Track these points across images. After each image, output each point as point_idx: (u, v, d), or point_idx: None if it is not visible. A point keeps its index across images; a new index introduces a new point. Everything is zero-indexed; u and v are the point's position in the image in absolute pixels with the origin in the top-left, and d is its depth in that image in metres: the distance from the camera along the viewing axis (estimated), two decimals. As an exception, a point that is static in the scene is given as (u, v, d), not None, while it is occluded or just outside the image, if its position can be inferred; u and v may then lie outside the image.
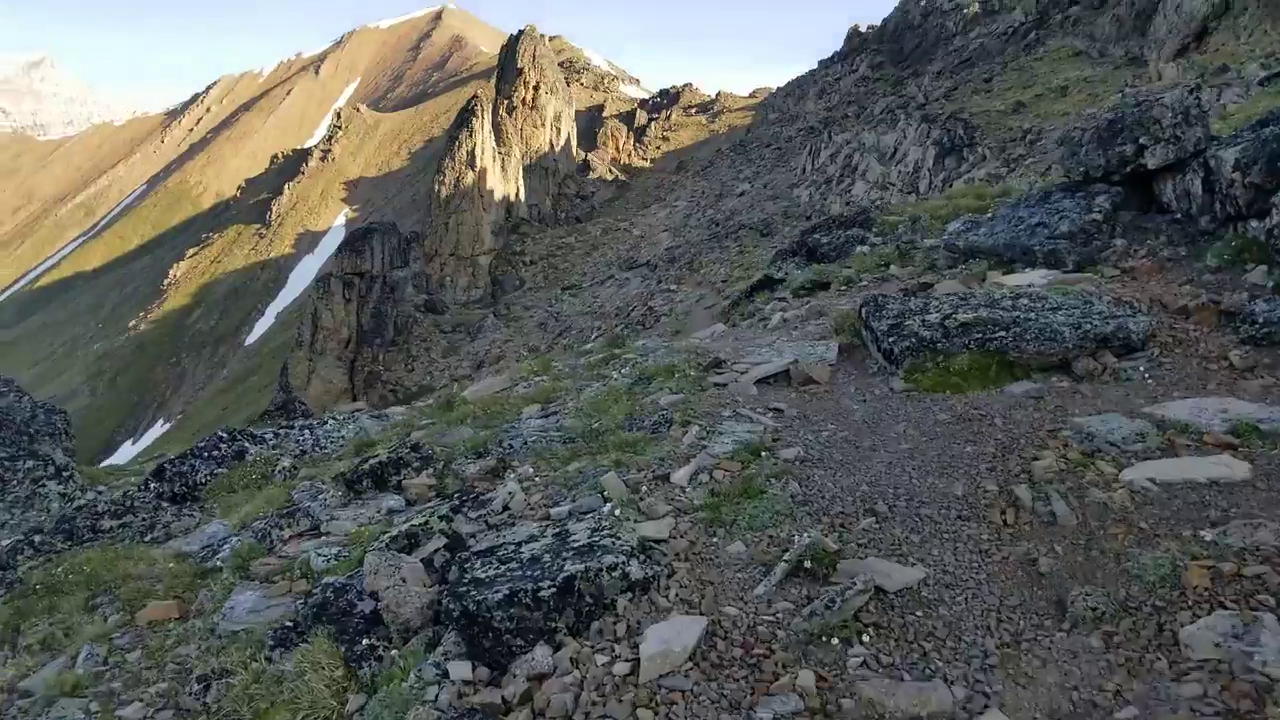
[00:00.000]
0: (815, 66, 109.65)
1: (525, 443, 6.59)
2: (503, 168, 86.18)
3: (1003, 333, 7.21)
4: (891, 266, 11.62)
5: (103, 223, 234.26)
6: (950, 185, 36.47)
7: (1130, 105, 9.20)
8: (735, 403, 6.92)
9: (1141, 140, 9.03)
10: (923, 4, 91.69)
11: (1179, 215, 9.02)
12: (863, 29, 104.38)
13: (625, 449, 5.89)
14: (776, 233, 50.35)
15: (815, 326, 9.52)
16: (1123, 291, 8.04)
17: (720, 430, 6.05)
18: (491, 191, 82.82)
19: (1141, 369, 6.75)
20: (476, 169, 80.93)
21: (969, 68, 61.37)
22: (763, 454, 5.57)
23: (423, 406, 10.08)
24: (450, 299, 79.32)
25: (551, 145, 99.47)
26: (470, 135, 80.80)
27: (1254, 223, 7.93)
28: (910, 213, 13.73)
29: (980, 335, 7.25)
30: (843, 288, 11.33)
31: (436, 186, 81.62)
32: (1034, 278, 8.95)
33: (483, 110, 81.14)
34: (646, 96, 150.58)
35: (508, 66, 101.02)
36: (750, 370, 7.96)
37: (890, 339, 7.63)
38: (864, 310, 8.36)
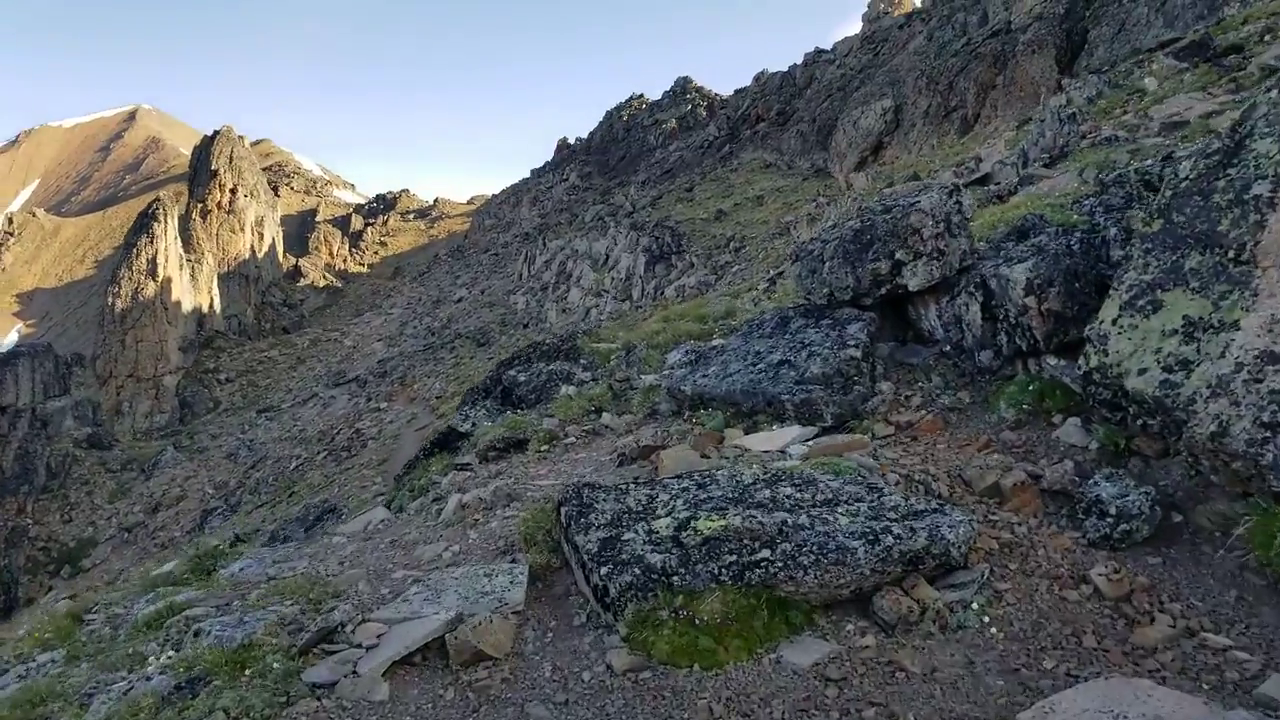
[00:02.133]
0: (529, 175, 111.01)
1: None
2: (193, 276, 77.38)
3: (767, 552, 4.64)
4: (605, 414, 9.03)
5: None
6: (662, 292, 35.86)
7: (879, 211, 7.31)
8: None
9: (898, 254, 7.11)
10: (625, 118, 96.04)
11: (948, 347, 7.13)
12: (571, 141, 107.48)
13: None
14: (494, 341, 47.66)
15: (502, 523, 6.56)
16: (908, 462, 5.83)
17: None
18: (178, 303, 73.72)
19: (975, 605, 4.39)
20: (159, 279, 71.80)
21: (671, 178, 63.48)
22: None
23: None
24: (129, 427, 68.80)
25: (253, 251, 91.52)
26: (151, 241, 71.83)
27: (1052, 359, 6.08)
28: (624, 339, 11.29)
29: (735, 559, 4.62)
30: (544, 448, 8.54)
31: (110, 299, 71.35)
32: (786, 438, 6.61)
33: (165, 214, 72.62)
34: (362, 201, 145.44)
35: (201, 169, 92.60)
36: (384, 639, 4.80)
37: (604, 568, 4.81)
38: (564, 512, 5.51)
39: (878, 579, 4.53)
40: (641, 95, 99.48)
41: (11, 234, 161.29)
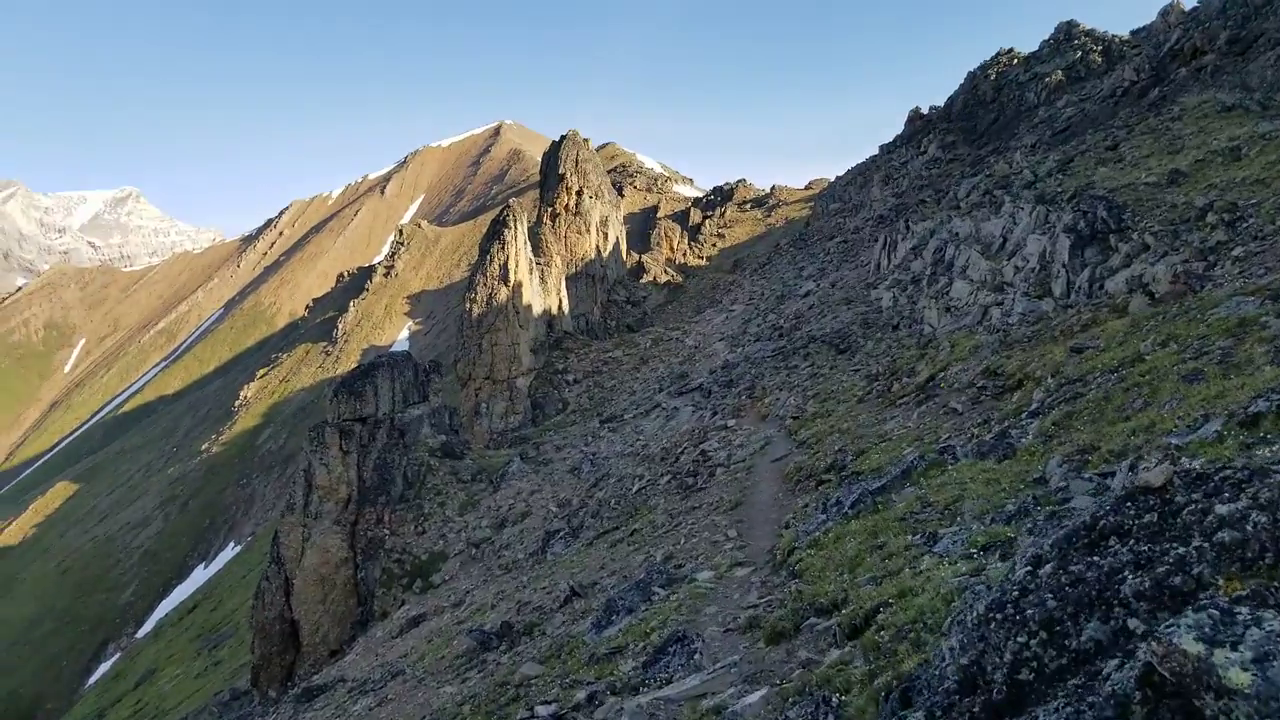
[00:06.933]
0: (876, 153, 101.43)
1: None
2: (542, 279, 78.35)
3: None
4: None
5: (182, 347, 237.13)
6: (1101, 286, 26.23)
7: None
8: None
9: None
10: (993, 77, 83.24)
11: None
12: (925, 110, 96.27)
13: None
14: (858, 348, 40.20)
15: None
16: None
17: None
18: (529, 306, 74.72)
19: None
20: (510, 283, 73.10)
21: (1071, 137, 51.60)
22: None
23: None
24: (487, 427, 70.85)
25: (598, 251, 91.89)
26: (502, 248, 73.28)
27: None
28: None
29: None
30: None
31: (468, 305, 73.87)
32: None
33: (515, 221, 73.69)
34: (700, 195, 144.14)
35: (550, 174, 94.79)
36: None
37: None
38: None
39: None
40: (1010, 49, 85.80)
41: (402, 244, 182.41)
